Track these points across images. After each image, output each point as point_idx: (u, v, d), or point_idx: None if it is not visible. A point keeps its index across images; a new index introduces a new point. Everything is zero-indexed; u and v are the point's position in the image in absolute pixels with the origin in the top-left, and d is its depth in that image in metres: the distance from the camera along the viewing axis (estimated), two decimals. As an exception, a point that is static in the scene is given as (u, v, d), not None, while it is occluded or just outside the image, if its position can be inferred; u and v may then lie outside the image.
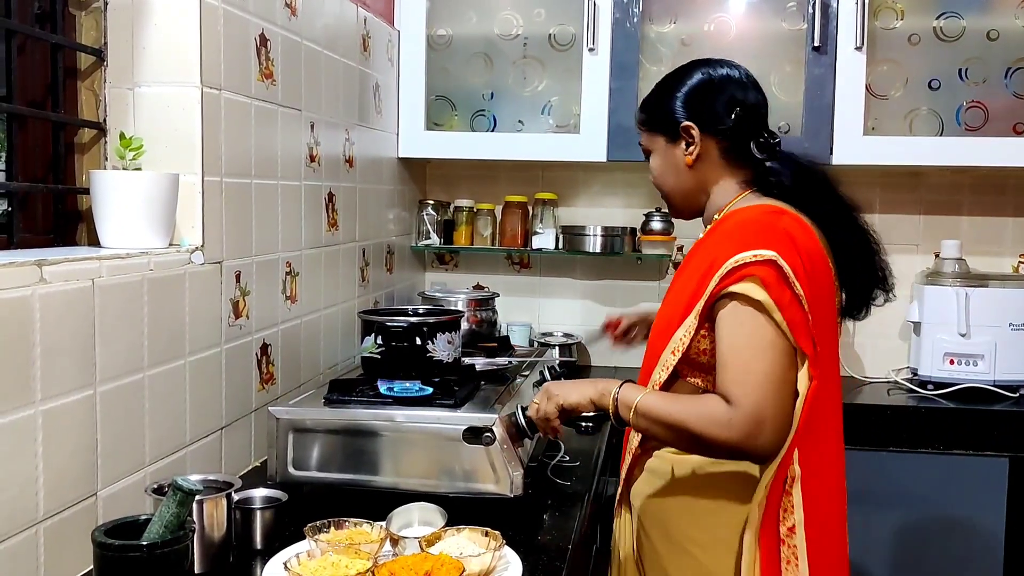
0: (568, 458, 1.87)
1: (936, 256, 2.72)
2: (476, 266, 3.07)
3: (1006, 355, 2.54)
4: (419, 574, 1.20)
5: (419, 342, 1.75)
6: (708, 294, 1.38)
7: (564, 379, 1.80)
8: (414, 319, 1.79)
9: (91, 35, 1.58)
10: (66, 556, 1.27)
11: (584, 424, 2.10)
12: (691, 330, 1.42)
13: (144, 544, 1.12)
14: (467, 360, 1.90)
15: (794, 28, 2.59)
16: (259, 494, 1.48)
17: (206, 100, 1.58)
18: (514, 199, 2.91)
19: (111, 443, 1.36)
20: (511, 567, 1.32)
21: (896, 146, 2.55)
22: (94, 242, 1.52)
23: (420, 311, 1.95)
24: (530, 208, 2.92)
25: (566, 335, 2.91)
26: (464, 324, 2.06)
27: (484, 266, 3.06)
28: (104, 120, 1.59)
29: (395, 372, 1.72)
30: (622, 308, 2.97)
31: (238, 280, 1.73)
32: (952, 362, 2.57)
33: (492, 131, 2.78)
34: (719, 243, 1.43)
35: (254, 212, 1.78)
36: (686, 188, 1.58)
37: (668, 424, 1.37)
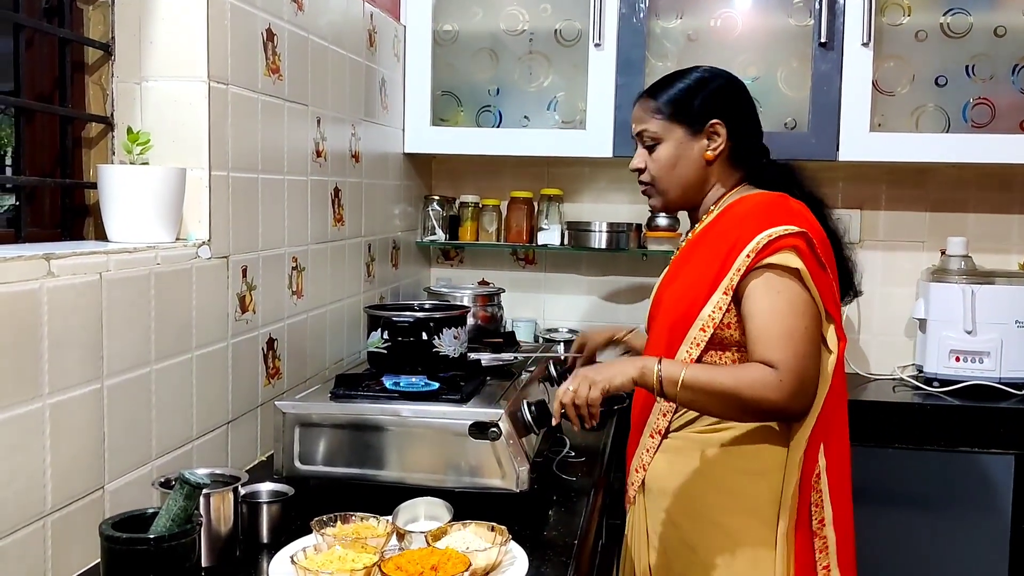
0: (573, 454, 1.87)
1: (942, 253, 2.70)
2: (481, 262, 3.07)
3: (1012, 352, 2.53)
4: (425, 568, 1.20)
5: (425, 337, 1.75)
6: (740, 268, 1.46)
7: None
8: (420, 314, 1.80)
9: (99, 29, 1.58)
10: (73, 549, 1.27)
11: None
12: (721, 306, 1.49)
13: (151, 537, 1.12)
14: (473, 355, 1.91)
15: (801, 24, 2.58)
16: (265, 488, 1.48)
17: (213, 95, 1.58)
18: (519, 195, 2.90)
19: (118, 437, 1.36)
20: (517, 562, 1.32)
21: (902, 142, 2.54)
22: (101, 236, 1.53)
23: (426, 306, 1.96)
24: (535, 204, 2.92)
25: (571, 331, 2.90)
26: (470, 320, 2.06)
27: (489, 262, 3.06)
28: (111, 114, 1.59)
29: (401, 367, 1.73)
30: (627, 304, 2.98)
31: (244, 275, 1.73)
32: (958, 359, 2.56)
33: (498, 127, 2.77)
34: (736, 225, 1.51)
35: (261, 207, 1.79)
36: (692, 181, 1.63)
37: (717, 392, 1.41)
